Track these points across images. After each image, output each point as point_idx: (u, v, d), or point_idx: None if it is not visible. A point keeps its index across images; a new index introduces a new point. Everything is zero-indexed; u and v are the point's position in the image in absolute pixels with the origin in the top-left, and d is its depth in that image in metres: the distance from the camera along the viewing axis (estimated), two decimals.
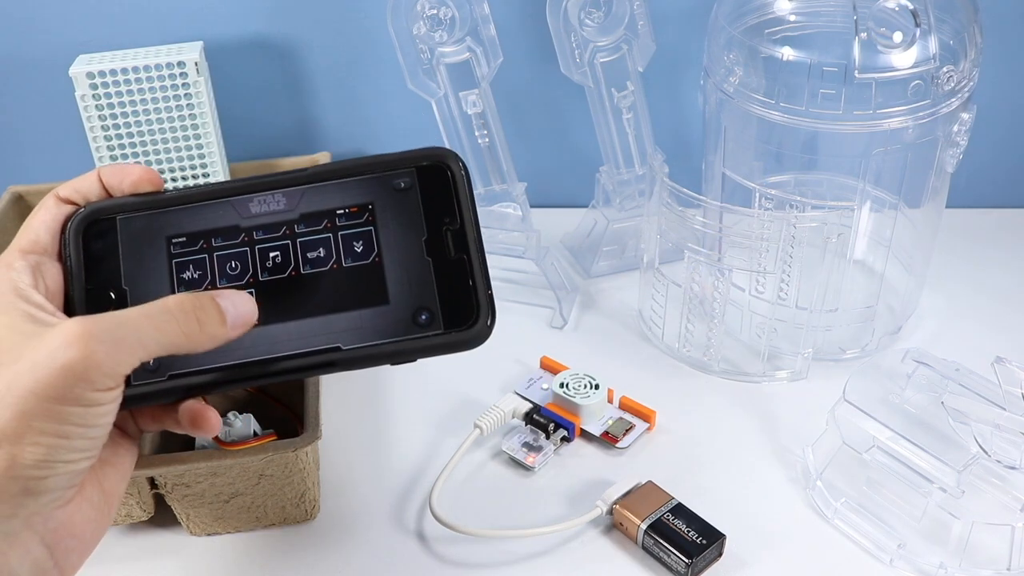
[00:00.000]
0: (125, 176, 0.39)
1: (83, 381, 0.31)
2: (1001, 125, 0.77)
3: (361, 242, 0.39)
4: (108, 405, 0.33)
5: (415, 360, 0.38)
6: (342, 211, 0.40)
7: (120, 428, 0.38)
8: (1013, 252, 0.75)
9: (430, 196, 0.40)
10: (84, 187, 0.39)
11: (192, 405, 0.38)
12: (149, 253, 0.39)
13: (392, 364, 0.38)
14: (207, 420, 0.38)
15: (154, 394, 0.37)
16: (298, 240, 0.39)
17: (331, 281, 0.39)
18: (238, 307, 0.36)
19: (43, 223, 0.38)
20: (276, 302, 0.38)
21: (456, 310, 0.38)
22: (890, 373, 0.53)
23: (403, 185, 0.40)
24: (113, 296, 0.38)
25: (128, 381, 0.36)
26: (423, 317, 0.38)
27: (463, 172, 0.40)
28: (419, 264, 0.39)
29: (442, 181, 0.40)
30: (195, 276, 0.39)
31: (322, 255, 0.39)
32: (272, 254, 0.39)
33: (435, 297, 0.38)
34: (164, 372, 0.37)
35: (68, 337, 0.32)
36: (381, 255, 0.39)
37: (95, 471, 0.36)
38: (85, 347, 0.31)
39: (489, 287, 0.38)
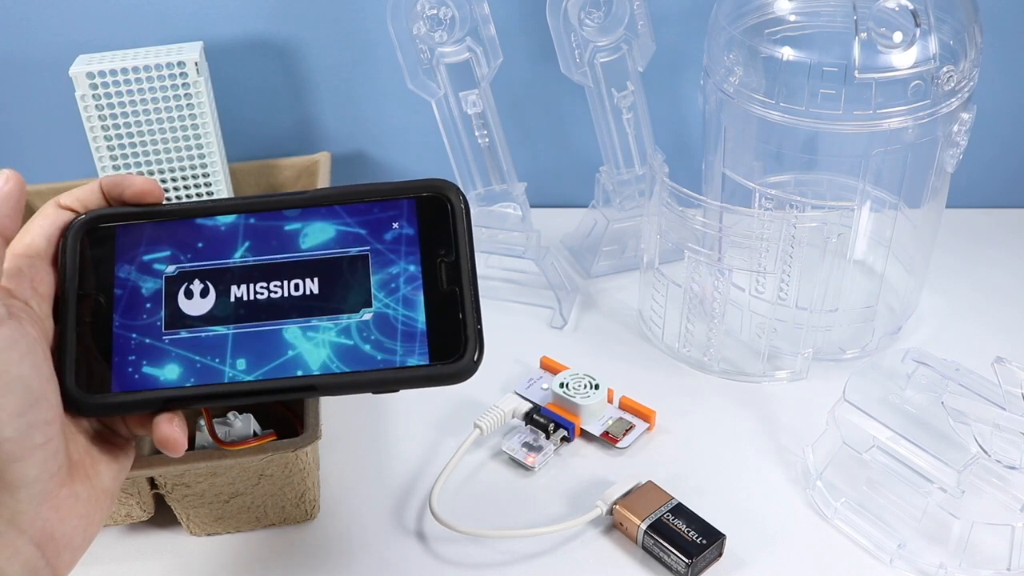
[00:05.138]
0: (126, 187, 0.40)
1: None
2: (1001, 125, 0.77)
3: (352, 269, 0.39)
4: None
5: (397, 391, 0.38)
6: (335, 237, 0.40)
7: (111, 429, 0.39)
8: (1013, 252, 0.75)
9: (427, 227, 0.39)
10: (85, 196, 0.40)
11: (160, 422, 0.37)
12: (143, 263, 0.39)
13: (374, 393, 0.38)
14: (174, 441, 0.37)
15: (131, 404, 0.37)
16: (289, 262, 0.39)
17: (318, 305, 0.38)
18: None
19: (41, 228, 0.38)
20: (262, 322, 0.38)
21: (443, 343, 0.38)
22: (890, 373, 0.53)
23: (400, 214, 0.40)
24: (103, 301, 0.38)
25: (109, 388, 0.37)
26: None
27: (463, 205, 0.40)
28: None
29: (441, 213, 0.39)
30: (185, 289, 0.39)
31: (312, 279, 0.39)
32: (261, 274, 0.39)
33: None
34: None
35: None
36: (371, 283, 0.39)
37: (85, 468, 0.36)
38: None
39: (479, 322, 0.38)
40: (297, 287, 0.39)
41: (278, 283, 0.39)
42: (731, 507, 0.52)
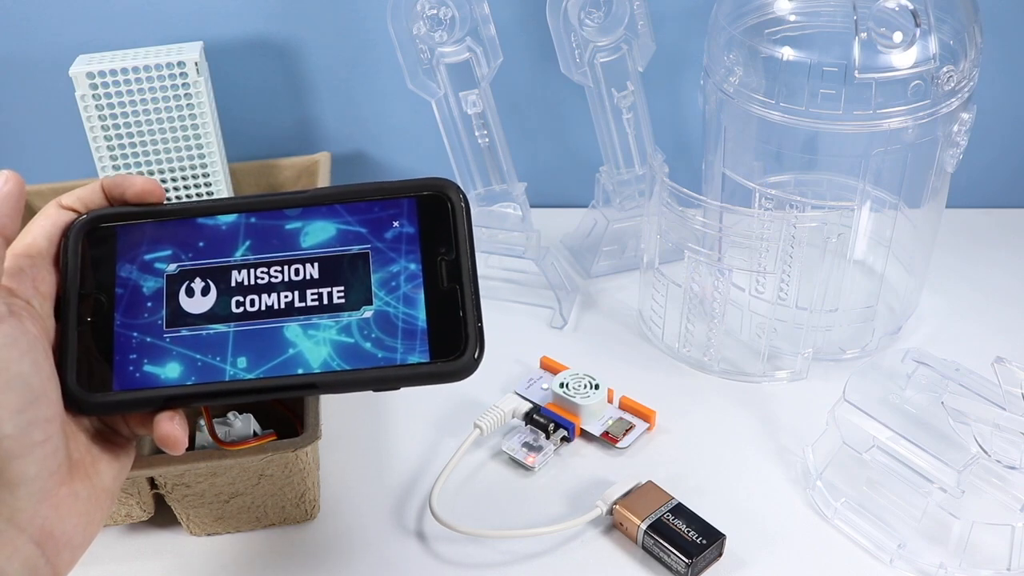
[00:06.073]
0: (128, 187, 0.40)
1: None
2: (1001, 125, 0.77)
3: (352, 267, 0.39)
4: None
5: (398, 388, 0.38)
6: (336, 236, 0.40)
7: (112, 428, 0.39)
8: (1013, 252, 0.75)
9: (428, 225, 0.39)
10: (87, 196, 0.40)
11: (161, 420, 0.37)
12: (144, 262, 0.39)
13: (375, 391, 0.38)
14: (175, 439, 0.37)
15: (132, 402, 0.37)
16: (289, 261, 0.39)
17: (319, 303, 0.38)
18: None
19: (42, 228, 0.39)
20: (263, 320, 0.38)
21: (444, 341, 0.38)
22: (890, 373, 0.53)
23: (401, 213, 0.40)
24: (104, 300, 0.38)
25: (110, 387, 0.37)
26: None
27: (463, 204, 0.40)
28: None
29: (441, 211, 0.40)
30: (186, 288, 0.39)
31: (312, 277, 0.39)
32: (263, 273, 0.39)
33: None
34: None
35: None
36: (372, 282, 0.39)
37: (85, 467, 0.36)
38: None
39: (480, 320, 0.38)
40: (295, 286, 0.39)
41: (277, 282, 0.39)
42: (731, 507, 0.53)
